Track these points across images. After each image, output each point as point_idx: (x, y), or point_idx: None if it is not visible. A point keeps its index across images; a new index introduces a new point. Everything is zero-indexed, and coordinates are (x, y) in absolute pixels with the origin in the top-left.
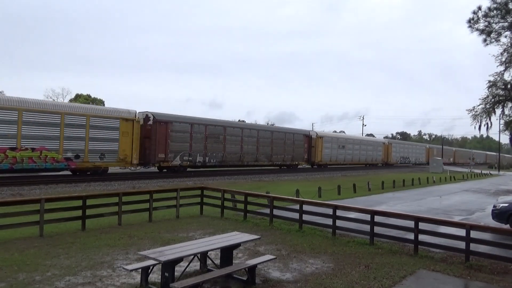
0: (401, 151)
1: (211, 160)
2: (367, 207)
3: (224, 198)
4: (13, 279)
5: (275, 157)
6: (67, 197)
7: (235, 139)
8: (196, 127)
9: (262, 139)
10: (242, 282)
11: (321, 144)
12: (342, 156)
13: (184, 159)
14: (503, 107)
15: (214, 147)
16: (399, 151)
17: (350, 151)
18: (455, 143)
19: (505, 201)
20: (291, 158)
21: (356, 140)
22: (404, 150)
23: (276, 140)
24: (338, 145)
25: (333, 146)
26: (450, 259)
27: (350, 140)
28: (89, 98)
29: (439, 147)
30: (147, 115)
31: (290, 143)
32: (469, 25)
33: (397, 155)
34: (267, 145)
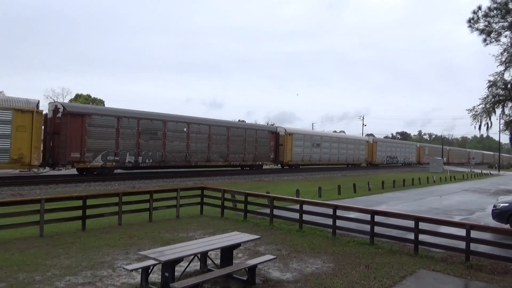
0: (387, 150)
1: (146, 160)
2: (367, 207)
3: (224, 198)
4: (13, 279)
5: (232, 156)
6: (67, 197)
7: (179, 136)
8: (125, 121)
9: (216, 136)
10: (242, 282)
11: (291, 142)
12: (317, 156)
13: (108, 159)
14: (503, 107)
15: (151, 144)
16: (385, 150)
17: (327, 150)
18: (455, 143)
19: (505, 201)
20: (253, 158)
21: (334, 138)
22: (392, 149)
23: (233, 137)
24: (312, 143)
25: (305, 144)
26: (450, 259)
27: (326, 137)
28: (89, 98)
29: (432, 146)
30: (56, 106)
31: (251, 140)
32: (469, 25)
33: (383, 154)
34: (222, 143)
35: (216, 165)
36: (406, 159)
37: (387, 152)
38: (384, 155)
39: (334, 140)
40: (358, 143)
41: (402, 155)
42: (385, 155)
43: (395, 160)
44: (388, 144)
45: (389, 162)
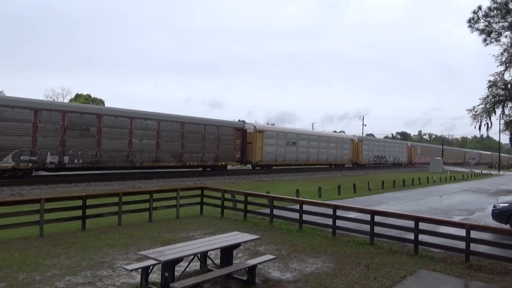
0: (375, 150)
1: (74, 161)
2: (367, 207)
3: (224, 198)
4: (13, 279)
5: (188, 156)
6: (67, 197)
7: (119, 132)
8: (45, 115)
9: (167, 133)
10: (242, 282)
11: (262, 140)
12: (292, 155)
13: (22, 160)
14: (503, 107)
15: (80, 142)
16: (372, 149)
17: (304, 149)
18: (455, 143)
19: (505, 201)
20: (214, 158)
21: (314, 136)
22: (380, 149)
23: (190, 134)
24: (287, 141)
25: (279, 143)
26: (450, 259)
27: (304, 135)
28: (89, 98)
29: (424, 145)
30: None
31: (212, 138)
32: (469, 25)
33: (369, 154)
34: (175, 141)
35: (167, 166)
36: (396, 159)
37: (374, 151)
38: (371, 155)
39: (313, 139)
40: (341, 141)
41: (392, 155)
42: (372, 155)
43: (383, 160)
44: (375, 143)
45: (377, 162)
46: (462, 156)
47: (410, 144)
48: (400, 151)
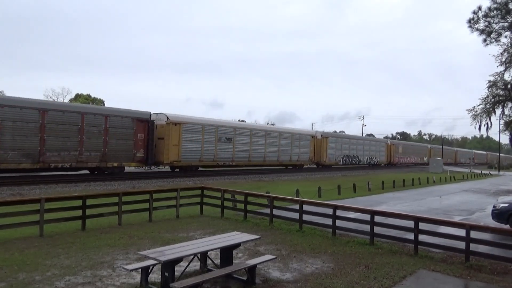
0: (344, 148)
1: None
2: (367, 207)
3: (224, 198)
4: (13, 279)
5: (51, 155)
6: (67, 197)
7: None
8: None
9: (14, 123)
10: (242, 282)
11: (178, 134)
12: (227, 154)
13: None
14: (503, 107)
15: None
16: (340, 147)
17: (245, 146)
18: (455, 143)
19: (505, 201)
20: (99, 157)
21: (258, 131)
22: (351, 147)
23: (55, 125)
24: (219, 136)
25: (206, 138)
26: (450, 259)
27: (243, 130)
28: (89, 98)
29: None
30: None
31: (96, 131)
32: (469, 25)
33: (337, 153)
34: (30, 134)
35: (16, 169)
36: (372, 158)
37: (343, 150)
38: (338, 154)
39: (258, 134)
40: (297, 138)
41: (367, 154)
42: (340, 154)
43: (355, 160)
44: (345, 141)
45: (347, 162)
46: (453, 156)
47: (390, 142)
48: (378, 150)
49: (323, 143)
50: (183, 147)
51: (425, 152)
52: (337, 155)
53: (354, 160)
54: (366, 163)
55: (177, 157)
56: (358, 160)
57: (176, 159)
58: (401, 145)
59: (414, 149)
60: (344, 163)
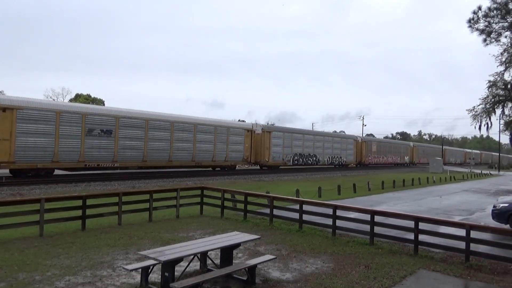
0: (297, 145)
1: None
2: (367, 207)
3: (224, 198)
4: (13, 279)
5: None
6: (67, 197)
7: None
8: None
9: None
10: (242, 282)
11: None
12: (106, 153)
13: None
14: (503, 107)
15: None
16: (291, 145)
17: (138, 142)
18: (455, 143)
19: (505, 201)
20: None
21: (160, 122)
22: (306, 144)
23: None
24: (88, 128)
25: (63, 131)
26: (450, 259)
27: (135, 121)
28: (89, 98)
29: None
30: None
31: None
32: (469, 25)
33: (285, 151)
34: None
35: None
36: (336, 157)
37: (294, 147)
38: (288, 153)
39: (158, 126)
40: (225, 132)
41: (329, 153)
42: (290, 152)
43: (312, 159)
44: (296, 136)
45: (300, 162)
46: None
47: (361, 139)
48: (344, 148)
49: (264, 139)
50: (19, 142)
51: (406, 151)
52: (286, 153)
53: (310, 160)
54: (328, 163)
55: (7, 156)
56: (315, 160)
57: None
58: (375, 143)
59: (392, 148)
60: (296, 164)
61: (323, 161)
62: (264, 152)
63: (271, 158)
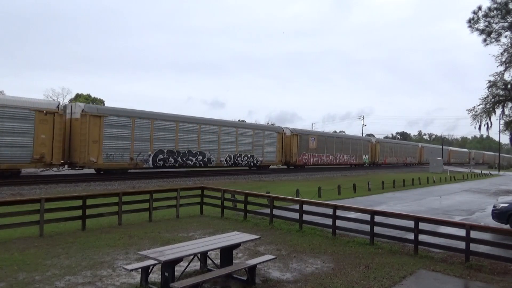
0: (160, 138)
1: None
2: (367, 207)
3: (224, 198)
4: (13, 279)
5: None
6: (67, 197)
7: None
8: None
9: None
10: (242, 282)
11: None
12: None
13: None
14: (503, 107)
15: None
16: (147, 137)
17: None
18: (455, 143)
19: (505, 201)
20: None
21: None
22: (184, 137)
23: None
24: None
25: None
26: (450, 259)
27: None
28: (89, 97)
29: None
30: None
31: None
32: (469, 25)
33: (136, 146)
34: None
35: None
36: (245, 156)
37: (156, 141)
38: (141, 149)
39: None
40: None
41: (229, 150)
42: (144, 149)
43: (195, 159)
44: (158, 124)
45: (170, 163)
46: (417, 155)
47: (290, 131)
48: (260, 144)
49: (90, 128)
50: None
51: (366, 149)
52: (137, 150)
53: (192, 159)
54: (230, 164)
55: None
56: (203, 160)
57: None
58: (313, 137)
59: (344, 144)
60: (161, 166)
61: (218, 161)
62: (89, 148)
63: (104, 156)
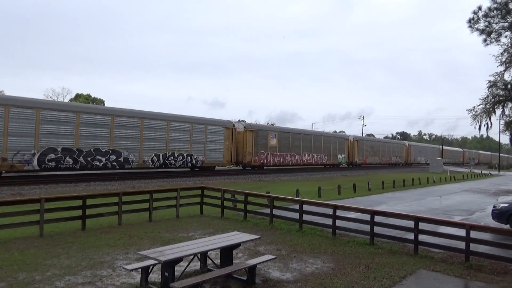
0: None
1: None
2: (367, 207)
3: (224, 198)
4: (13, 279)
5: None
6: (67, 197)
7: None
8: None
9: None
10: (242, 282)
11: None
12: None
13: None
14: (503, 107)
15: None
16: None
17: None
18: (455, 143)
19: (505, 201)
20: None
21: None
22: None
23: None
24: None
25: None
26: (450, 259)
27: None
28: (89, 98)
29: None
30: None
31: None
32: (469, 25)
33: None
34: None
35: None
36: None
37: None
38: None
39: None
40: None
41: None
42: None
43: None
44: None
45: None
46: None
47: (243, 126)
48: (200, 141)
49: None
50: None
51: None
52: (12, 148)
53: (97, 160)
54: (157, 165)
55: None
56: (114, 161)
57: None
58: (274, 133)
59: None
60: (49, 167)
61: (140, 161)
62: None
63: None
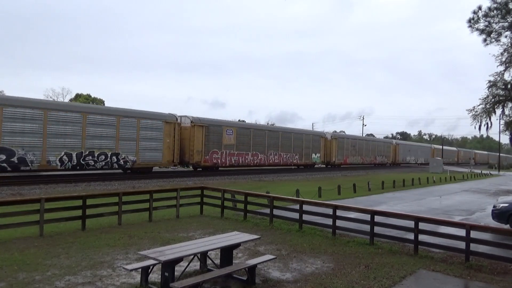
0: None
1: None
2: (367, 207)
3: (224, 198)
4: (13, 279)
5: None
6: (67, 197)
7: None
8: None
9: None
10: (242, 282)
11: None
12: None
13: None
14: (503, 107)
15: None
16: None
17: None
18: (455, 143)
19: (505, 201)
20: None
21: None
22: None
23: None
24: None
25: None
26: (450, 259)
27: None
28: (89, 98)
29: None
30: None
31: None
32: (469, 25)
33: None
34: None
35: None
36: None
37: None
38: None
39: None
40: None
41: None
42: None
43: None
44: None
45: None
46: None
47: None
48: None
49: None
50: None
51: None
52: None
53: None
54: (69, 167)
55: None
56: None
57: None
58: (230, 129)
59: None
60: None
61: (43, 161)
62: None
63: None
